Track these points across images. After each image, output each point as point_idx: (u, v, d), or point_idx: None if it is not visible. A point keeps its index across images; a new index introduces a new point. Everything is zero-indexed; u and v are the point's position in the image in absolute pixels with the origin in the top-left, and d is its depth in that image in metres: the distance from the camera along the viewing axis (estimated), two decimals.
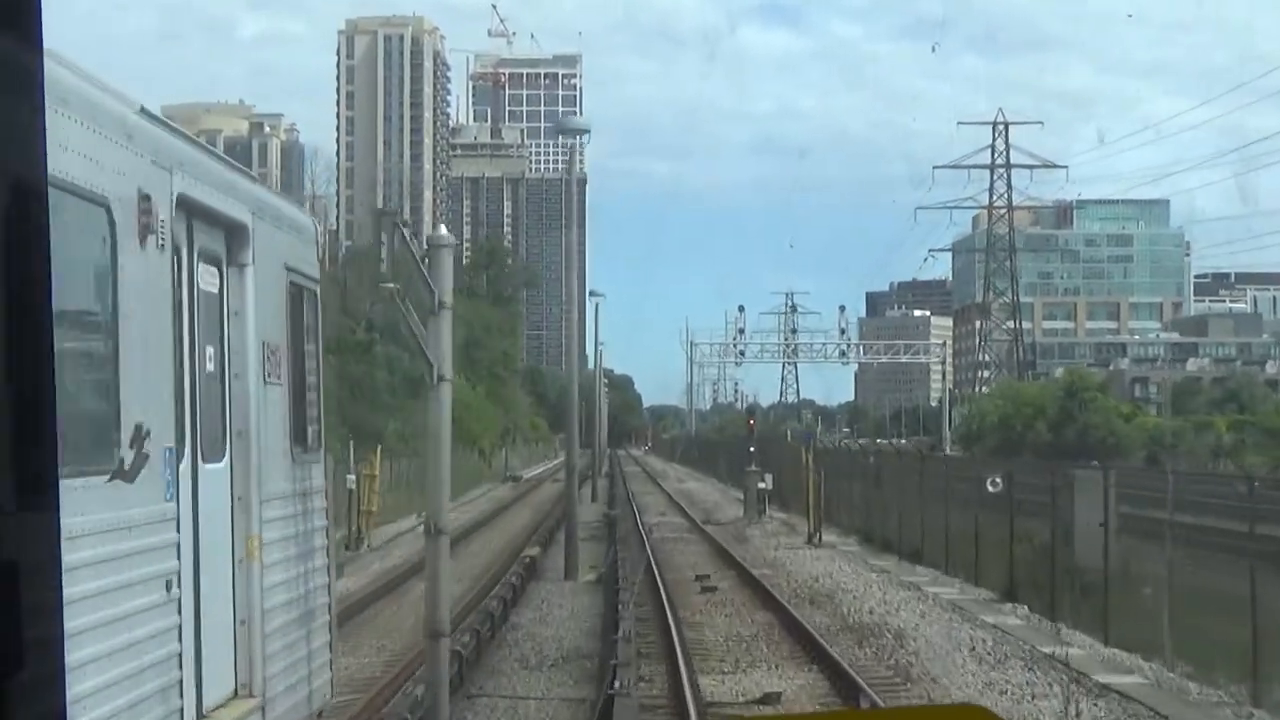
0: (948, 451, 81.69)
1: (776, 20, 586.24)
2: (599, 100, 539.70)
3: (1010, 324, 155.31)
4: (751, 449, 65.13)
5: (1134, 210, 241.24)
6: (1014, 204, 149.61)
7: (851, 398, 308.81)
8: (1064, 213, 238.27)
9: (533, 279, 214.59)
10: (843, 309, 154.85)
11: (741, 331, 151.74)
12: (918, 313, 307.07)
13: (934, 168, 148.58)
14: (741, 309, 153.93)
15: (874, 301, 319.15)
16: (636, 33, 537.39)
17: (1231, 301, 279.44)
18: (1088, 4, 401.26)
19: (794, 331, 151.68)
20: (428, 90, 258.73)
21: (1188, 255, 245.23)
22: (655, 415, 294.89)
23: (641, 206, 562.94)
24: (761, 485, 58.68)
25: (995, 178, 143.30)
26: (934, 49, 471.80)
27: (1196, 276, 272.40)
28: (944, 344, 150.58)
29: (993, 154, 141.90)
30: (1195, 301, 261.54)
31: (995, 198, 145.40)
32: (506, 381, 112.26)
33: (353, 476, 46.19)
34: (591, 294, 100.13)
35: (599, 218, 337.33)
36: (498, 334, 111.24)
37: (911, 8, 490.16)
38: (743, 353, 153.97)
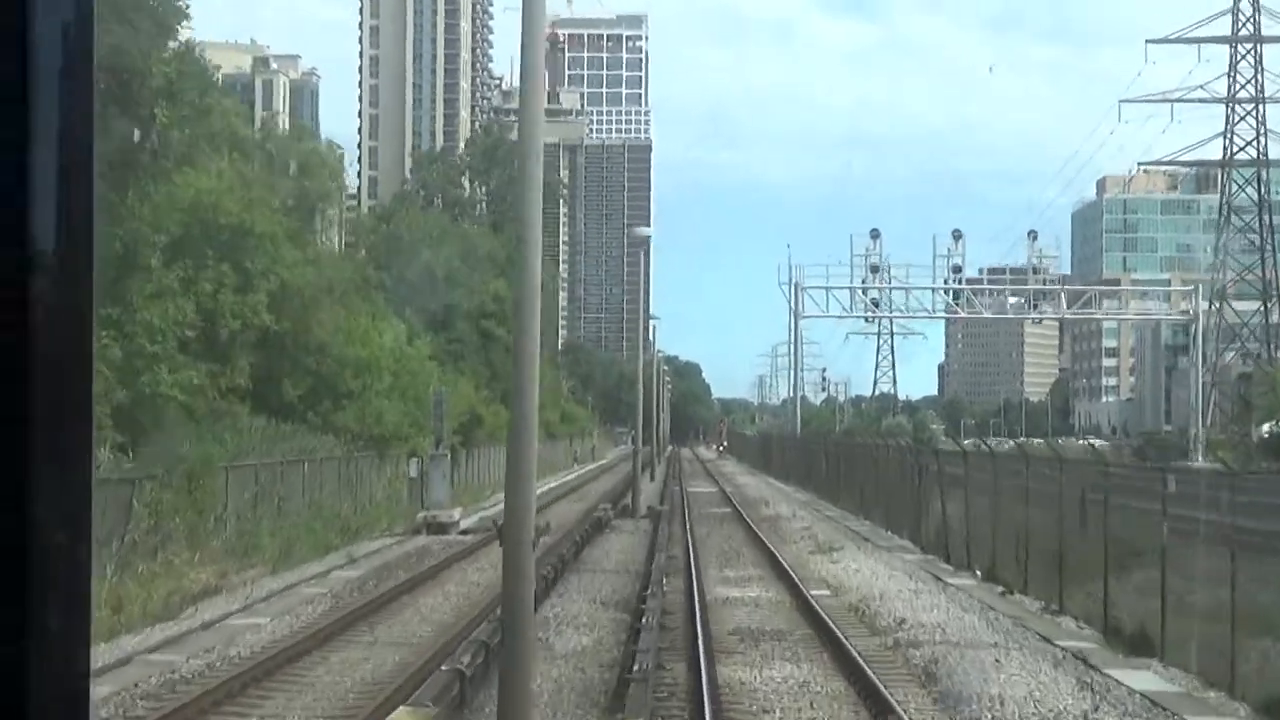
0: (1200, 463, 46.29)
1: (850, 11, 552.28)
2: (667, 82, 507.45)
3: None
4: None
5: None
6: (1266, 95, 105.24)
7: (934, 393, 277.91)
8: (1206, 174, 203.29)
9: (554, 192, 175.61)
10: (1033, 235, 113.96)
11: (875, 270, 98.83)
12: (1013, 300, 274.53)
13: (1147, 42, 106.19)
14: (875, 234, 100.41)
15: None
16: (706, 18, 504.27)
17: None
18: None
19: (957, 270, 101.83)
20: (464, 26, 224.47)
21: None
22: (724, 409, 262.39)
23: (711, 197, 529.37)
24: None
25: (1236, 57, 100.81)
26: (990, 70, 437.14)
27: None
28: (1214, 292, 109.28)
29: (1234, 22, 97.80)
30: None
31: (1235, 89, 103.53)
32: (507, 342, 71.34)
33: None
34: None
35: (665, 208, 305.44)
36: (488, 265, 71.38)
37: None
38: (875, 303, 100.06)
